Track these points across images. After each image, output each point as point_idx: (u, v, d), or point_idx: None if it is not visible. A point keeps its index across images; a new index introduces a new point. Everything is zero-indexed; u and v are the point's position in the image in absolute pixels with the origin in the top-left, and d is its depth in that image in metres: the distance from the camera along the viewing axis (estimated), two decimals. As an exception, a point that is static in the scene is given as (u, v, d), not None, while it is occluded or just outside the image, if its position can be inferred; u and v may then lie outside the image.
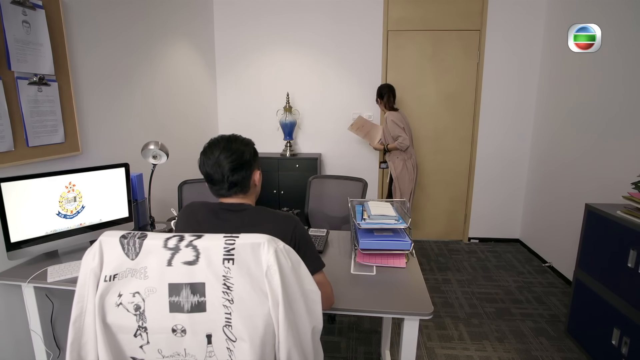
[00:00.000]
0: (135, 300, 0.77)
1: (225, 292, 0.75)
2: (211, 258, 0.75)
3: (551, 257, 3.13)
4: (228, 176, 1.11)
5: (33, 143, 1.65)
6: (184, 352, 0.78)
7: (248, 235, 0.77)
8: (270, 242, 0.76)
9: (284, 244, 0.80)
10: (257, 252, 0.75)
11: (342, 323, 2.40)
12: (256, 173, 1.19)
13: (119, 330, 0.80)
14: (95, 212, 1.72)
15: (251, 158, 1.16)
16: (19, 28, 1.56)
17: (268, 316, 0.76)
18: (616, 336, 1.82)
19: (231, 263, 0.75)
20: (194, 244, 0.76)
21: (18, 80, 1.57)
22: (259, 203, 1.25)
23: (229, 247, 0.75)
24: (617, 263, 1.83)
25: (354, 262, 1.59)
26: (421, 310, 1.24)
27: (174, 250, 0.76)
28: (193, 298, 0.75)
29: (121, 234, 0.80)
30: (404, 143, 2.98)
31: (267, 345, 0.77)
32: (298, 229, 1.12)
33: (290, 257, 0.80)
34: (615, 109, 2.42)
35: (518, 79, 3.44)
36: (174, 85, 2.95)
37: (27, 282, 1.44)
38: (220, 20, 3.66)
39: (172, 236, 0.78)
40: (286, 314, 0.76)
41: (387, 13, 3.46)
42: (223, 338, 0.76)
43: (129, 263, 0.78)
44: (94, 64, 2.05)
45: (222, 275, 0.75)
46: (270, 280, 0.75)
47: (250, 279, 0.75)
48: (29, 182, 1.49)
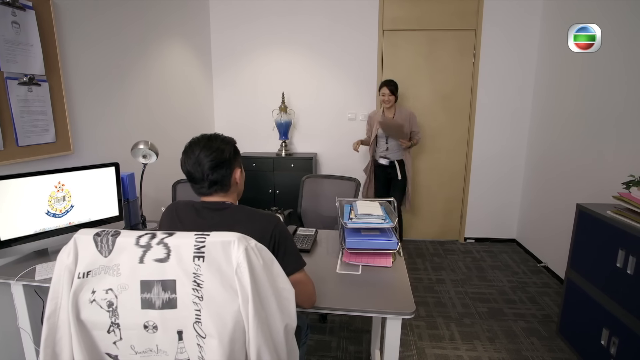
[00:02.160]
0: (108, 297, 0.78)
1: (195, 289, 0.76)
2: (182, 255, 0.76)
3: (546, 257, 3.12)
4: (208, 174, 1.11)
5: (23, 142, 1.66)
6: (156, 348, 0.79)
7: (219, 233, 0.78)
8: (241, 240, 0.77)
9: (256, 242, 0.81)
10: (228, 250, 0.76)
11: (334, 322, 2.40)
12: (237, 171, 1.19)
13: (93, 327, 0.80)
14: (85, 211, 1.73)
15: (231, 156, 1.16)
16: (9, 29, 1.57)
17: (238, 313, 0.77)
18: (605, 336, 1.81)
19: (201, 260, 0.75)
20: (165, 242, 0.77)
21: (7, 81, 1.58)
22: (253, 202, 1.26)
23: (199, 244, 0.76)
24: (607, 263, 1.82)
25: (340, 261, 1.59)
26: (403, 310, 1.24)
27: (146, 248, 0.77)
28: (164, 295, 0.76)
29: (95, 232, 0.80)
30: (420, 138, 3.20)
31: (237, 342, 0.77)
32: (278, 228, 1.12)
33: (262, 256, 0.80)
34: (611, 109, 2.41)
35: (514, 78, 3.43)
36: (169, 86, 2.96)
37: (16, 279, 1.45)
38: (217, 21, 3.67)
39: (144, 234, 0.79)
40: (256, 312, 0.76)
41: (383, 12, 3.46)
42: (193, 334, 0.77)
43: (102, 260, 0.79)
44: (86, 64, 2.06)
45: (193, 272, 0.76)
46: (240, 278, 0.75)
47: (221, 276, 0.76)
48: (18, 181, 1.51)
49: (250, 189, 3.51)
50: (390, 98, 2.99)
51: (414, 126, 3.09)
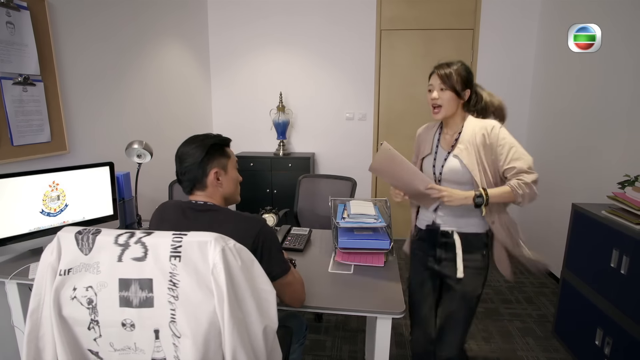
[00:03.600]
0: (88, 294, 0.79)
1: (171, 289, 0.76)
2: (158, 255, 0.76)
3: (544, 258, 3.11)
4: (183, 173, 1.14)
5: (18, 142, 1.67)
6: (134, 346, 0.80)
7: (196, 233, 0.78)
8: (218, 241, 0.77)
9: (235, 243, 0.81)
10: (205, 250, 0.76)
11: (329, 322, 2.41)
12: (213, 172, 1.14)
13: (75, 323, 0.81)
14: (79, 210, 1.74)
15: (205, 156, 1.13)
16: (3, 29, 1.58)
17: (213, 314, 0.77)
18: (599, 336, 1.81)
19: (178, 260, 0.76)
20: (142, 241, 0.78)
21: (2, 80, 1.59)
22: (251, 202, 1.25)
23: (176, 244, 0.76)
24: (601, 263, 1.82)
25: (333, 261, 1.60)
26: (393, 309, 1.25)
27: (124, 247, 0.78)
28: (141, 293, 0.77)
29: (77, 230, 0.81)
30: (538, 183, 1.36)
31: (212, 343, 0.77)
32: (263, 231, 1.10)
33: (240, 256, 0.80)
34: (607, 109, 2.40)
35: (511, 78, 3.42)
36: (167, 86, 2.97)
37: (10, 278, 1.46)
38: (215, 22, 3.68)
39: (123, 232, 0.80)
40: (232, 312, 0.76)
41: (380, 12, 3.46)
42: (169, 334, 0.77)
43: (82, 258, 0.80)
44: (82, 64, 2.07)
45: (169, 272, 0.76)
46: (216, 278, 0.75)
47: (197, 276, 0.76)
48: (12, 180, 1.51)
49: (247, 188, 3.51)
50: (442, 96, 1.39)
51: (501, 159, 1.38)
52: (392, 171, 1.42)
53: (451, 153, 1.44)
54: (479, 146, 1.39)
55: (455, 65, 1.42)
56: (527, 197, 1.35)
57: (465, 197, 1.35)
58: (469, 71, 1.43)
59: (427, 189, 1.37)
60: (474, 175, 1.39)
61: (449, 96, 1.40)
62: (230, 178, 1.20)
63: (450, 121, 1.48)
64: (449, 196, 1.36)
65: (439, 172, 1.47)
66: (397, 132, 3.66)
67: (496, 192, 1.36)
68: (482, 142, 1.39)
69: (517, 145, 1.39)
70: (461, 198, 1.36)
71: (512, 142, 1.38)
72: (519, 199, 1.35)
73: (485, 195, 1.35)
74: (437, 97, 1.41)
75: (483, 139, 1.39)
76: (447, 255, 1.49)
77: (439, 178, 1.48)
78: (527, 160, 1.37)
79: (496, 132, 1.38)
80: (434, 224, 1.52)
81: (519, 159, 1.37)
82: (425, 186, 1.37)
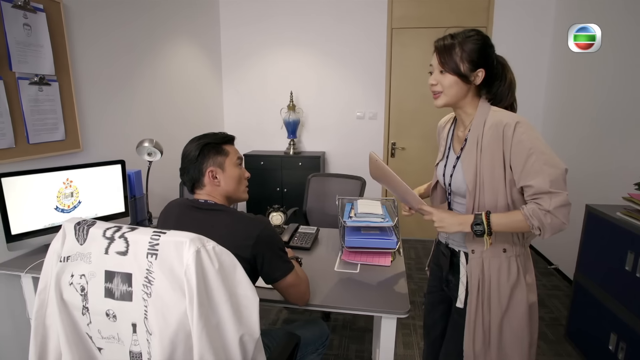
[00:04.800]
0: (81, 281, 0.83)
1: (146, 285, 0.77)
2: (138, 251, 0.78)
3: (557, 259, 3.05)
4: (182, 172, 1.17)
5: (34, 140, 1.72)
6: (117, 337, 0.82)
7: (175, 233, 0.78)
8: (194, 242, 0.75)
9: (214, 246, 0.79)
10: (180, 251, 0.75)
11: (337, 320, 2.41)
12: (209, 170, 1.14)
13: (73, 308, 0.85)
14: (92, 207, 1.78)
15: (200, 154, 1.13)
16: (20, 31, 1.63)
17: (183, 316, 0.75)
18: (613, 341, 1.77)
19: (154, 258, 0.76)
20: (125, 236, 0.80)
21: (19, 81, 1.64)
22: (261, 200, 1.25)
23: (153, 242, 0.77)
24: (615, 266, 1.77)
25: (339, 260, 1.60)
26: (398, 309, 1.24)
27: (110, 240, 0.81)
28: (122, 287, 0.79)
29: (77, 221, 0.86)
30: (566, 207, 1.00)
31: (180, 345, 0.76)
32: (264, 234, 1.06)
33: (219, 259, 0.79)
34: (623, 108, 2.34)
35: (526, 76, 3.33)
36: (179, 84, 3.01)
37: (25, 272, 1.51)
38: (226, 20, 3.71)
39: (111, 227, 0.83)
40: (202, 317, 0.74)
41: (391, 11, 3.44)
42: (144, 329, 0.79)
43: (78, 247, 0.84)
44: (95, 63, 2.12)
45: (145, 268, 0.77)
46: (189, 280, 0.74)
47: (171, 276, 0.76)
48: (28, 177, 1.56)
49: (258, 186, 3.55)
50: (441, 80, 1.10)
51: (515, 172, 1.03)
52: (387, 182, 1.21)
53: (459, 158, 1.15)
54: (486, 148, 1.05)
55: (460, 37, 1.06)
56: (549, 229, 0.97)
57: (460, 223, 1.06)
58: (483, 44, 1.07)
59: (416, 210, 1.18)
60: (467, 188, 1.09)
61: (451, 81, 1.07)
62: (228, 176, 1.17)
63: (460, 111, 1.15)
64: (439, 221, 1.09)
65: (448, 182, 1.19)
66: (408, 131, 3.64)
67: (502, 219, 1.02)
68: (493, 143, 1.03)
69: (540, 150, 0.98)
70: (454, 224, 1.07)
71: (533, 145, 0.98)
72: (535, 230, 0.99)
73: (485, 223, 1.02)
74: (434, 82, 1.10)
75: (494, 139, 1.03)
76: (454, 278, 1.21)
77: (449, 190, 1.21)
78: (552, 174, 0.97)
79: (510, 129, 1.00)
80: (445, 240, 1.27)
81: (539, 172, 0.97)
82: (417, 206, 1.17)
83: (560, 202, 0.97)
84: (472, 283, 1.12)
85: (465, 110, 1.14)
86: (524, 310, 1.12)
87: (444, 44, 1.07)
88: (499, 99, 1.12)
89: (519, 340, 1.13)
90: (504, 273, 1.11)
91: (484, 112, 1.09)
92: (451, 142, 1.22)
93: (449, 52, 1.06)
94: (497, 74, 1.11)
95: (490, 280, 1.11)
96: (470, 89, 1.10)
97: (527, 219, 1.00)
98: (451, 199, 1.21)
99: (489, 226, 1.02)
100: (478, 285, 1.12)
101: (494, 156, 1.05)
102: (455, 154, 1.18)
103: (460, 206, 1.18)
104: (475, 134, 1.09)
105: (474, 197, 1.09)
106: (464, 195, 1.14)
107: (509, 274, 1.11)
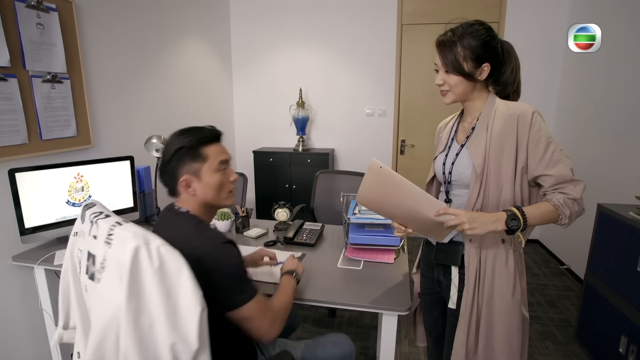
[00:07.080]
0: (80, 255, 0.89)
1: (99, 272, 0.80)
2: (100, 238, 0.81)
3: (569, 259, 2.99)
4: (159, 172, 1.10)
5: (46, 136, 1.77)
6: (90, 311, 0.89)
7: (129, 226, 0.79)
8: (137, 237, 0.75)
9: (161, 245, 0.77)
10: (124, 244, 0.76)
11: (343, 317, 2.41)
12: (184, 178, 1.02)
13: (77, 276, 0.93)
14: (102, 201, 1.82)
15: (173, 159, 1.02)
16: (33, 30, 1.68)
17: (118, 309, 0.75)
18: (624, 344, 1.73)
19: (108, 247, 0.79)
20: (98, 222, 0.84)
21: (32, 79, 1.69)
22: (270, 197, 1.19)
23: (110, 232, 0.79)
24: (627, 266, 1.73)
25: (343, 256, 1.60)
26: (399, 306, 1.24)
27: (91, 224, 0.86)
28: (92, 268, 0.82)
29: (86, 204, 0.95)
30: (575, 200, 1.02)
31: (110, 337, 0.76)
32: (209, 258, 0.94)
33: (162, 260, 0.76)
34: (636, 107, 2.27)
35: (538, 75, 3.28)
36: (189, 80, 3.05)
37: (37, 264, 1.56)
38: (237, 17, 3.74)
39: (95, 212, 0.88)
40: (129, 314, 0.74)
41: (401, 6, 3.40)
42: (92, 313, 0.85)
43: (81, 226, 0.92)
44: (107, 61, 2.16)
45: (102, 255, 0.80)
46: (123, 273, 0.75)
47: (117, 268, 0.77)
48: (40, 172, 1.61)
49: (267, 183, 3.58)
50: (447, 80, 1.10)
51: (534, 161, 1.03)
52: (388, 197, 1.06)
53: (465, 145, 1.12)
54: (496, 135, 1.03)
55: (460, 31, 1.05)
56: (574, 217, 1.01)
57: (494, 221, 0.98)
58: (486, 36, 1.04)
59: (437, 216, 1.01)
60: (473, 174, 1.05)
61: (456, 80, 1.07)
62: (205, 184, 1.04)
63: (469, 105, 1.15)
64: (470, 222, 0.97)
65: (448, 171, 1.14)
66: (417, 128, 3.61)
67: (535, 211, 1.00)
68: (506, 131, 1.03)
69: (555, 140, 1.03)
70: (487, 222, 0.98)
71: (550, 135, 1.02)
72: (564, 220, 1.00)
73: (521, 216, 0.98)
74: (440, 82, 1.10)
75: (508, 128, 1.02)
76: (446, 279, 1.19)
77: (448, 180, 1.15)
78: (570, 163, 1.02)
79: (527, 118, 1.01)
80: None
81: (559, 161, 1.00)
82: (435, 212, 1.01)
83: (582, 189, 1.01)
84: (470, 274, 1.09)
85: (474, 103, 1.14)
86: (518, 321, 1.10)
87: (445, 43, 1.07)
88: (505, 84, 1.14)
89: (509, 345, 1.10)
90: (501, 263, 1.08)
91: (493, 101, 1.10)
92: (454, 134, 1.21)
93: (450, 51, 1.06)
94: (503, 63, 1.11)
95: (486, 270, 1.09)
96: (475, 85, 1.10)
97: (558, 209, 0.99)
98: (449, 190, 1.17)
99: (524, 220, 0.98)
100: (476, 276, 1.09)
101: (504, 144, 1.04)
102: (458, 143, 1.17)
103: (459, 198, 1.14)
104: (485, 121, 1.08)
105: (480, 183, 1.05)
106: (465, 185, 1.11)
107: (507, 266, 1.08)
